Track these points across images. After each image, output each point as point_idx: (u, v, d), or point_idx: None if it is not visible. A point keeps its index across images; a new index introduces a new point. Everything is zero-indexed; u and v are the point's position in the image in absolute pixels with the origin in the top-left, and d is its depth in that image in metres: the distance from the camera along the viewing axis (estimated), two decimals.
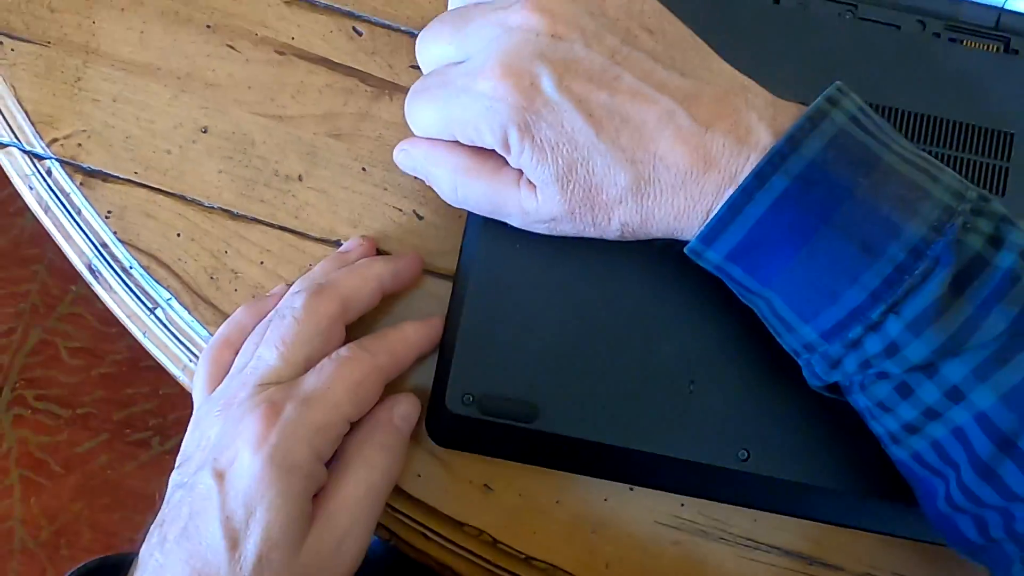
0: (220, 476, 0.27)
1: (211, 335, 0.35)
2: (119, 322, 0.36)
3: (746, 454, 0.33)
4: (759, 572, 0.35)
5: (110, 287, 0.36)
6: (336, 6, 0.37)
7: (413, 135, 0.31)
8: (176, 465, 0.30)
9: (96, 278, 0.36)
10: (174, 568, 0.27)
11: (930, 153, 0.31)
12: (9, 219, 1.14)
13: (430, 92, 0.30)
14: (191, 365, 0.35)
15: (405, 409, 0.32)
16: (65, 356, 1.08)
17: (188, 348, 0.36)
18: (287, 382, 0.29)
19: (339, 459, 0.30)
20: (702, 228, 0.27)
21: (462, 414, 0.33)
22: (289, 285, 0.34)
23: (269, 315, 0.32)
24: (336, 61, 0.37)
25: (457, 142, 0.30)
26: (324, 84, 0.36)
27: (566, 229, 0.30)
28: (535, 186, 0.29)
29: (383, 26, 0.37)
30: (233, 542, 0.27)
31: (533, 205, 0.30)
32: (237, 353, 0.32)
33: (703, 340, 0.34)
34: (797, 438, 0.33)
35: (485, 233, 0.33)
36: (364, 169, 0.36)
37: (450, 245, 0.35)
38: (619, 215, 0.29)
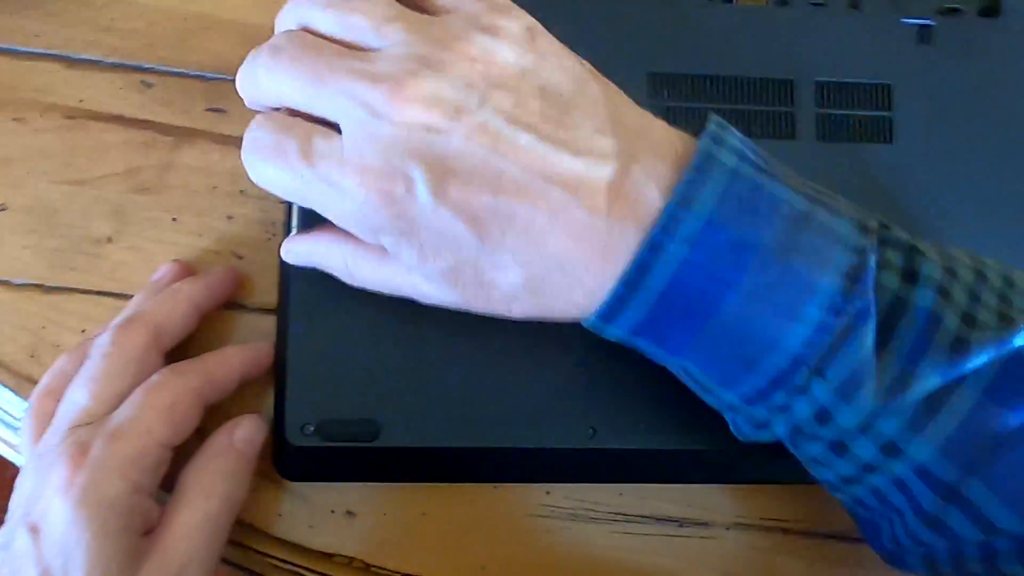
0: (34, 530, 0.26)
1: None
2: None
3: (592, 431, 0.33)
4: (634, 544, 0.35)
5: None
6: (122, 62, 0.37)
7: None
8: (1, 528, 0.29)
9: None
10: None
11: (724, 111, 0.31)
12: None
13: (279, 155, 0.26)
14: None
15: (246, 431, 0.31)
16: None
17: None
18: (98, 421, 0.28)
19: (176, 490, 0.29)
20: (600, 307, 0.26)
21: (305, 445, 0.32)
22: None
23: None
24: (130, 116, 0.36)
25: (337, 229, 0.28)
26: (121, 141, 0.36)
27: (471, 310, 0.29)
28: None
29: (173, 74, 0.37)
30: None
31: (428, 291, 0.28)
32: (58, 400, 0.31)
33: (529, 327, 0.34)
34: (639, 407, 0.34)
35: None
36: (175, 219, 0.36)
37: (273, 281, 0.35)
38: (517, 308, 0.27)
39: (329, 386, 0.32)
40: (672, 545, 0.35)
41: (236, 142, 0.36)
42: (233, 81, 0.29)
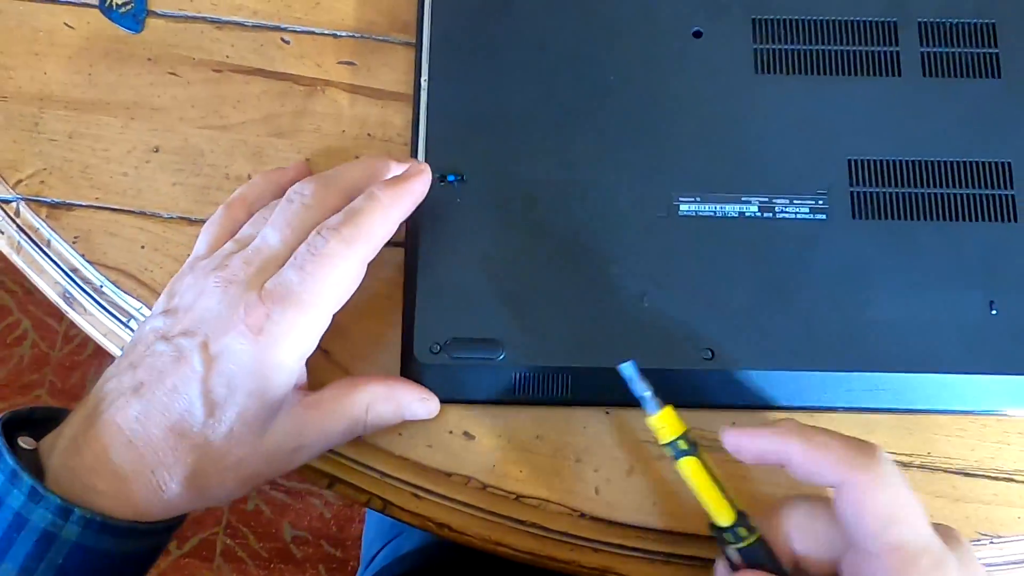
0: (209, 357, 0.29)
1: None
2: None
3: (710, 353, 0.34)
4: (745, 471, 0.35)
5: (84, 310, 0.38)
6: (263, 23, 0.40)
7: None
8: (162, 308, 0.32)
9: (71, 305, 0.38)
10: (151, 416, 0.29)
11: None
12: (8, 350, 1.16)
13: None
14: None
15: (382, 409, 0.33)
16: None
17: None
18: (287, 275, 0.30)
19: (334, 388, 0.33)
20: None
21: (433, 363, 0.34)
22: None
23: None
24: (269, 69, 0.40)
25: None
26: (261, 91, 0.39)
27: None
28: None
29: (307, 32, 0.40)
30: (211, 410, 0.29)
31: None
32: (250, 215, 0.34)
33: (647, 257, 0.35)
34: (757, 331, 0.34)
35: (428, 197, 0.35)
36: (307, 160, 0.38)
37: None
38: None
39: (455, 309, 0.34)
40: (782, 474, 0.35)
41: (363, 91, 0.39)
42: (360, 38, 0.36)
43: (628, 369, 0.32)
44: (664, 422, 0.31)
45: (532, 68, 0.37)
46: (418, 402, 0.34)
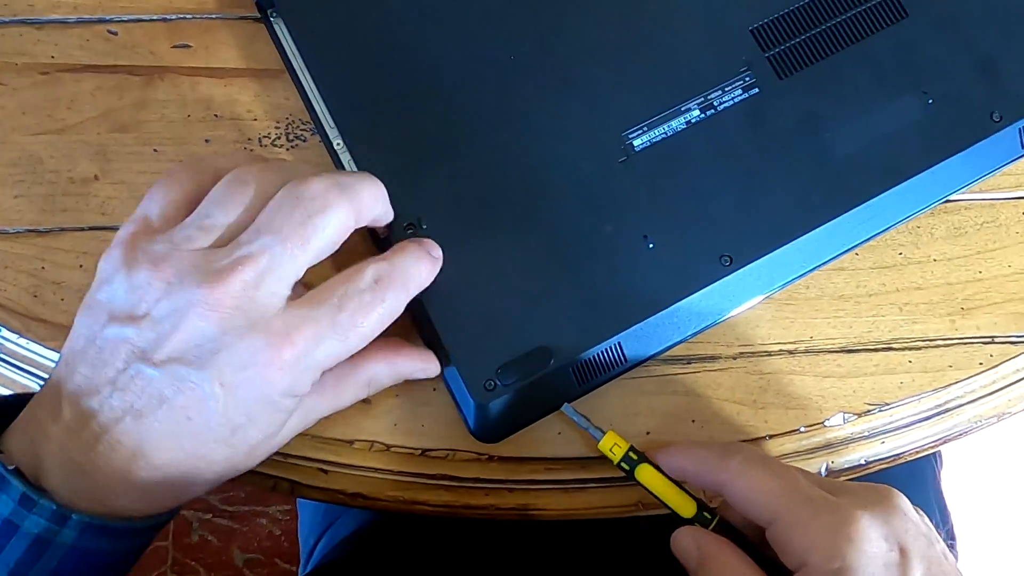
0: (225, 389, 0.27)
1: (51, 350, 0.35)
2: None
3: (728, 259, 0.34)
4: (645, 386, 0.36)
5: None
6: (86, 17, 0.38)
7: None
8: (124, 309, 0.28)
9: None
10: (165, 442, 0.28)
11: None
12: None
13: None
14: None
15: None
16: None
17: (34, 374, 0.35)
18: (306, 305, 0.28)
19: (335, 371, 0.31)
20: None
21: (495, 399, 0.32)
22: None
23: (284, 194, 0.29)
24: (100, 64, 0.38)
25: None
26: (95, 87, 0.38)
27: None
28: None
29: (135, 21, 0.39)
30: (232, 432, 0.28)
31: None
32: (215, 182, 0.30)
33: (630, 202, 0.34)
34: (754, 218, 0.34)
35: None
36: (155, 150, 0.37)
37: None
38: None
39: (485, 339, 0.33)
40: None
41: (203, 72, 0.38)
42: (192, 19, 0.31)
43: (568, 411, 0.34)
44: (612, 442, 0.33)
45: (430, 81, 0.35)
46: (420, 370, 0.33)
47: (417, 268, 0.31)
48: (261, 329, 0.28)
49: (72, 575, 0.28)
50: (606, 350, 0.33)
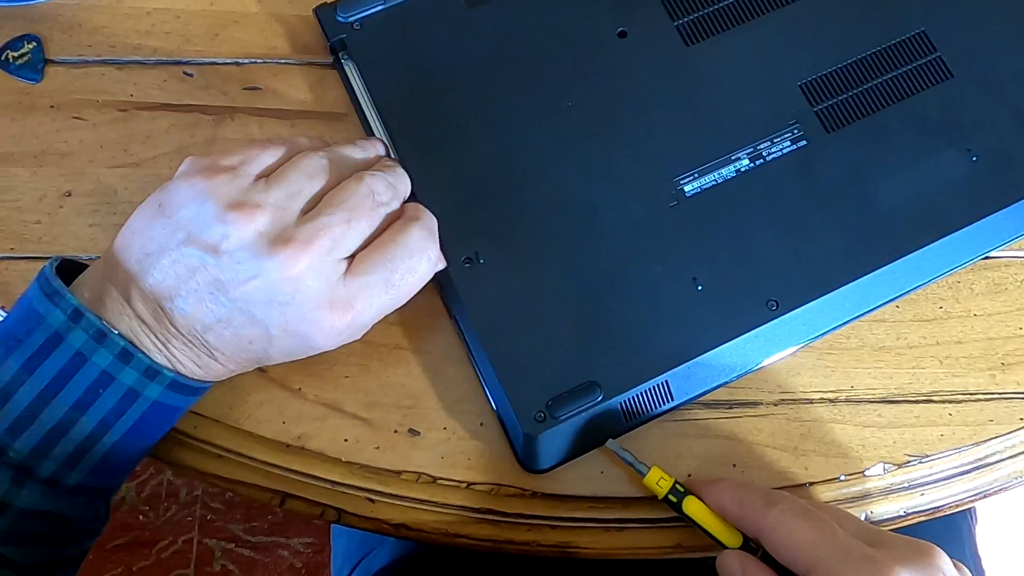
0: (288, 331, 0.32)
1: None
2: None
3: (775, 304, 0.35)
4: (687, 429, 0.36)
5: None
6: (164, 59, 0.41)
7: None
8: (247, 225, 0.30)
9: None
10: (223, 345, 0.31)
11: None
12: None
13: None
14: None
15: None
16: None
17: None
18: (363, 272, 0.32)
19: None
20: None
21: (545, 432, 0.33)
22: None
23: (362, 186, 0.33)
24: (175, 103, 0.40)
25: None
26: (169, 125, 0.40)
27: None
28: None
29: (209, 64, 0.41)
30: (290, 355, 0.33)
31: None
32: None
33: (680, 245, 0.36)
34: (801, 264, 0.35)
35: (458, 279, 0.35)
36: None
37: None
38: None
39: (535, 371, 0.34)
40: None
41: (271, 113, 0.40)
42: (262, 63, 0.36)
43: (613, 446, 0.35)
44: (657, 476, 0.34)
45: (490, 123, 0.37)
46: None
47: (435, 223, 0.34)
48: (327, 293, 0.31)
49: (146, 429, 0.32)
50: (653, 388, 0.34)
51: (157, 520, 1.00)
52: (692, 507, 0.33)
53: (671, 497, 0.34)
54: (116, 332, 0.30)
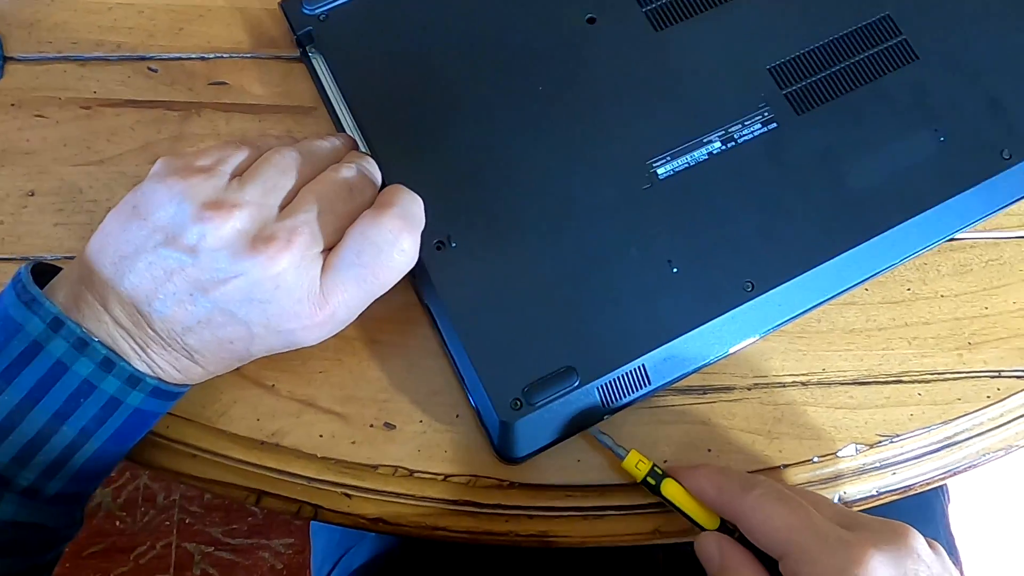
0: (269, 328, 0.31)
1: None
2: None
3: (751, 285, 0.35)
4: (662, 415, 0.37)
5: None
6: (128, 55, 0.40)
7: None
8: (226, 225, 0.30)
9: None
10: (203, 347, 0.31)
11: None
12: None
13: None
14: None
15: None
16: None
17: None
18: (336, 269, 0.32)
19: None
20: None
21: (521, 418, 0.33)
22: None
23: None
24: (140, 99, 0.40)
25: None
26: (134, 121, 0.39)
27: None
28: None
29: (174, 59, 0.40)
30: (271, 350, 0.33)
31: None
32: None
33: (654, 227, 0.36)
34: (775, 245, 0.36)
35: (431, 264, 0.35)
36: None
37: None
38: None
39: (511, 357, 0.34)
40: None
41: (238, 108, 0.40)
42: (228, 58, 0.35)
43: (593, 431, 0.35)
44: (636, 459, 0.35)
45: (462, 109, 0.37)
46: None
47: (417, 205, 0.33)
48: (307, 288, 0.31)
49: (126, 435, 0.32)
50: (631, 372, 0.34)
51: (134, 525, 0.99)
52: (670, 490, 0.34)
53: (649, 480, 0.34)
54: (97, 340, 0.30)
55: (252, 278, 0.30)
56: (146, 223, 0.30)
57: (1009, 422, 0.38)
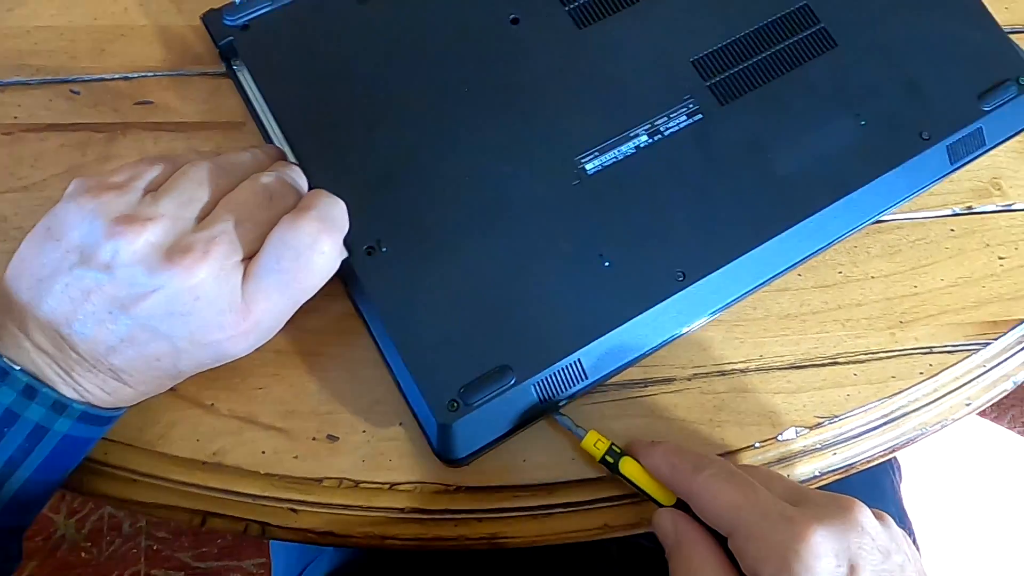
0: (195, 342, 0.31)
1: None
2: None
3: (682, 275, 0.36)
4: (605, 410, 0.37)
5: None
6: (48, 78, 0.40)
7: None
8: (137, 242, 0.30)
9: None
10: (130, 366, 0.31)
11: None
12: None
13: None
14: None
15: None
16: None
17: None
18: (257, 278, 0.31)
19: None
20: None
21: (459, 420, 0.33)
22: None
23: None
24: (63, 122, 0.39)
25: None
26: (59, 145, 0.39)
27: None
28: None
29: (97, 80, 0.40)
30: (199, 365, 0.32)
31: None
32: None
33: (584, 222, 0.36)
34: (705, 235, 0.36)
35: (362, 272, 0.35)
36: None
37: None
38: None
39: (445, 359, 0.33)
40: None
41: (165, 127, 0.39)
42: (153, 76, 0.34)
43: (554, 414, 0.35)
44: (594, 439, 0.35)
45: (388, 113, 0.37)
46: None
47: (338, 208, 0.33)
48: (228, 298, 0.31)
49: (57, 463, 0.31)
50: (567, 367, 0.34)
51: (100, 556, 0.97)
52: (628, 467, 0.34)
53: (608, 458, 0.34)
54: (18, 368, 0.29)
55: (170, 291, 0.29)
56: (60, 244, 0.30)
57: (942, 396, 0.39)
